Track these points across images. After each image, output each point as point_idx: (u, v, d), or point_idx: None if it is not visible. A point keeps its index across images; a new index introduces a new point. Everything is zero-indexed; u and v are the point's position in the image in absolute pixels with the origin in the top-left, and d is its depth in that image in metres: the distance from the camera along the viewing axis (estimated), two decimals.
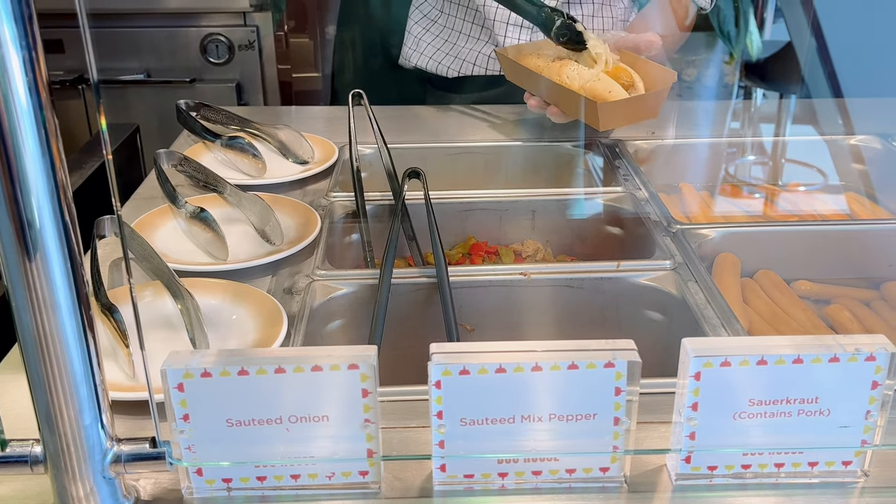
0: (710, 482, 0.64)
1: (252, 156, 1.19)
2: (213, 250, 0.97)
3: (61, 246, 0.54)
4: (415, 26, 1.58)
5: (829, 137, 1.39)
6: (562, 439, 0.62)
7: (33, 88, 0.50)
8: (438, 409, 0.60)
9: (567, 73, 1.19)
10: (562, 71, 1.20)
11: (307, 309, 0.88)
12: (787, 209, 1.27)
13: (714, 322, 0.84)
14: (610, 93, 1.13)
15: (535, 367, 0.59)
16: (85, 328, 0.56)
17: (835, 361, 0.60)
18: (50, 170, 0.52)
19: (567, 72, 1.19)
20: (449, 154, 1.33)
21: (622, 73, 1.17)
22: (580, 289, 0.94)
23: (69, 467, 0.59)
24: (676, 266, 0.95)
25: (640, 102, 1.16)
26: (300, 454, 0.62)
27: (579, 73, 1.18)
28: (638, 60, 1.22)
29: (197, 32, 2.38)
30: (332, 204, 1.12)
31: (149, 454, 0.60)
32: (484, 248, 1.13)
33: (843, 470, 0.64)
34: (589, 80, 1.16)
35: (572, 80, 1.18)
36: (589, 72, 1.17)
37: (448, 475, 0.63)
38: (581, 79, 1.17)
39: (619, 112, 1.15)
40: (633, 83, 1.17)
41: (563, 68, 1.20)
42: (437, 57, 1.53)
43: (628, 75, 1.17)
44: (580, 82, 1.17)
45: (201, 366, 0.59)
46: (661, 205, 1.09)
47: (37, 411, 0.57)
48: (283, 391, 0.60)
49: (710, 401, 0.61)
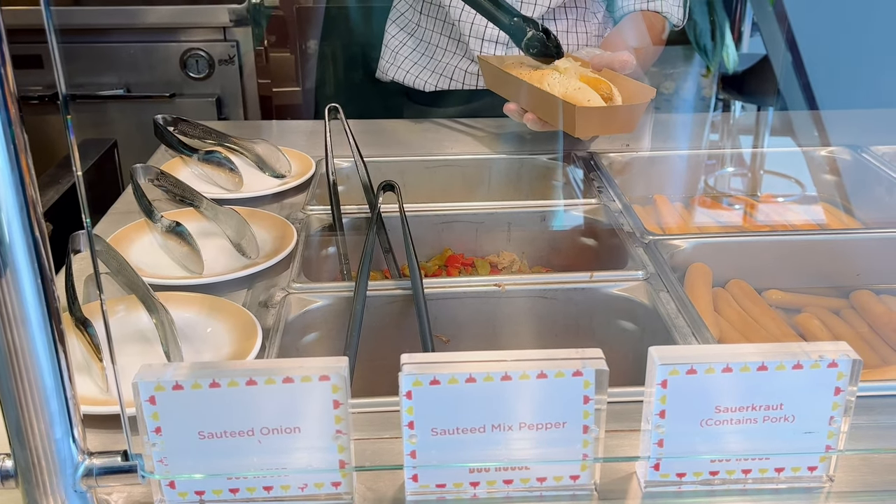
0: (679, 489, 0.65)
1: (229, 170, 1.19)
2: (189, 264, 0.97)
3: (31, 261, 0.54)
4: (391, 40, 1.60)
5: (803, 149, 1.41)
6: (532, 448, 0.63)
7: (2, 104, 0.50)
8: (409, 419, 0.61)
9: (548, 82, 1.21)
10: (543, 79, 1.22)
11: (282, 322, 0.88)
12: (760, 220, 1.28)
13: (685, 331, 0.85)
14: (589, 101, 1.15)
15: (504, 377, 0.60)
16: (55, 342, 0.56)
17: (798, 368, 0.61)
18: (19, 185, 0.52)
19: (549, 80, 1.21)
20: (426, 167, 1.34)
21: (602, 84, 1.19)
22: (554, 300, 0.95)
23: (40, 481, 0.59)
24: (649, 276, 0.96)
25: (618, 113, 1.17)
26: (273, 466, 0.62)
27: (560, 81, 1.19)
28: (617, 77, 1.24)
29: (177, 47, 2.38)
30: (309, 217, 1.13)
31: (121, 467, 0.60)
32: (460, 260, 1.14)
33: (808, 475, 0.65)
34: (569, 88, 1.17)
35: (553, 88, 1.19)
36: (570, 81, 1.19)
37: (420, 485, 0.64)
38: (562, 87, 1.18)
39: (596, 120, 1.16)
40: (612, 96, 1.19)
41: (545, 77, 1.22)
42: (415, 71, 1.54)
43: (608, 88, 1.19)
44: (560, 90, 1.18)
45: (173, 378, 0.59)
46: (635, 216, 1.11)
47: (7, 426, 0.57)
48: (255, 403, 0.60)
49: (677, 408, 0.62)
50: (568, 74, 1.20)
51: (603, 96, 1.17)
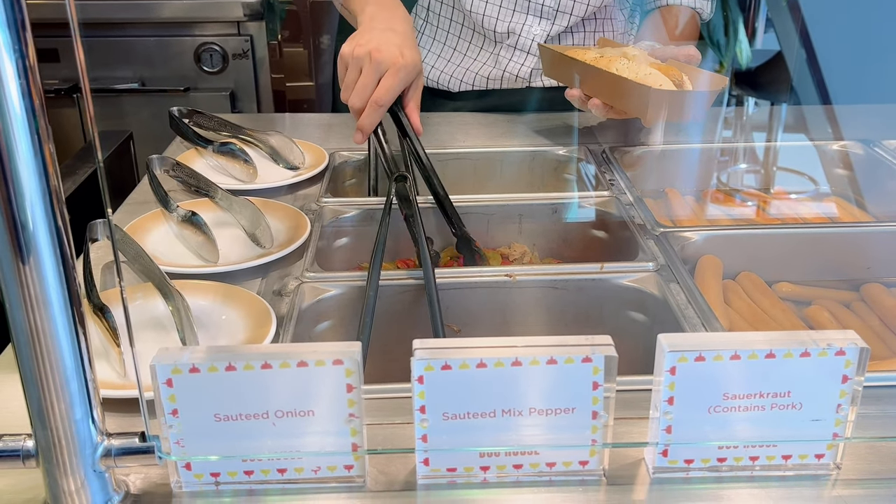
0: (687, 475, 0.66)
1: (243, 161, 1.21)
2: (204, 253, 0.98)
3: (53, 247, 0.55)
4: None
5: (815, 143, 1.41)
6: (542, 433, 0.64)
7: (27, 94, 0.52)
8: (421, 403, 0.62)
9: (616, 67, 1.18)
10: (611, 65, 1.19)
11: (296, 310, 0.89)
12: (771, 214, 1.29)
13: (694, 321, 0.86)
14: (661, 86, 1.12)
15: (514, 363, 0.61)
16: (76, 325, 0.57)
17: (806, 356, 0.62)
18: (43, 174, 0.54)
19: (617, 65, 1.19)
20: (438, 160, 1.34)
21: (672, 71, 1.17)
22: (564, 290, 0.96)
23: (60, 461, 0.60)
24: (659, 268, 0.97)
25: (690, 99, 1.14)
26: (287, 448, 0.63)
27: (630, 67, 1.17)
28: (687, 67, 1.21)
29: (191, 41, 2.40)
30: (323, 209, 1.14)
31: (138, 448, 0.62)
32: None
33: (816, 463, 0.66)
34: (640, 73, 1.14)
35: (622, 73, 1.17)
36: (640, 67, 1.16)
37: (431, 469, 0.65)
38: (631, 73, 1.16)
39: (668, 104, 1.13)
40: (683, 84, 1.16)
41: (613, 63, 1.19)
42: (433, 75, 1.54)
43: (678, 75, 1.16)
44: (629, 76, 1.16)
45: (189, 362, 0.60)
46: (646, 209, 1.11)
47: (29, 406, 0.59)
48: (270, 386, 0.61)
49: (685, 395, 0.63)
50: (637, 61, 1.18)
51: (674, 83, 1.14)
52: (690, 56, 1.24)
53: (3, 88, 0.50)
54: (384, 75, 1.12)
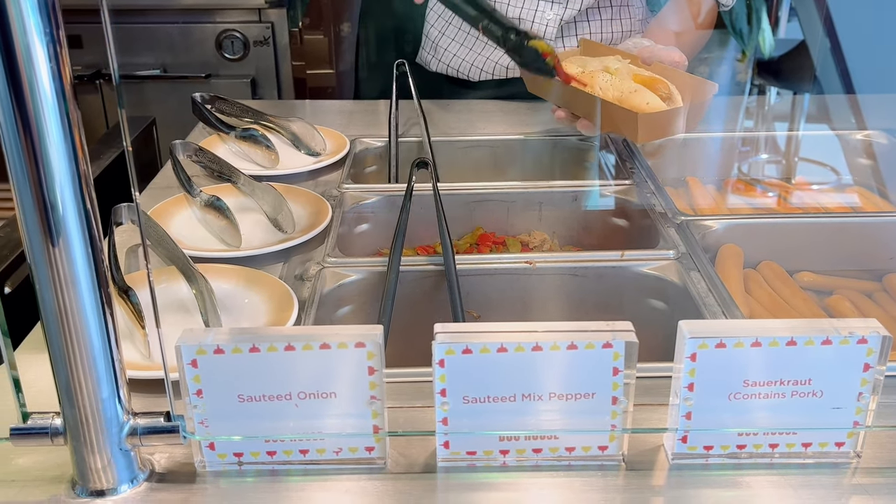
0: (706, 461, 0.66)
1: (265, 147, 1.21)
2: (227, 238, 0.99)
3: (82, 229, 0.56)
4: (431, 29, 1.60)
5: (838, 132, 1.40)
6: (562, 418, 0.64)
7: (57, 79, 0.52)
8: (442, 387, 0.63)
9: (600, 85, 1.13)
10: (593, 82, 1.14)
11: (317, 294, 0.90)
12: (793, 203, 1.28)
13: (715, 310, 0.86)
14: (647, 104, 1.08)
15: (535, 347, 0.61)
16: (104, 305, 0.58)
17: (827, 344, 0.61)
18: (72, 157, 0.55)
19: (600, 83, 1.13)
20: (459, 147, 1.35)
21: (659, 84, 1.12)
22: (584, 277, 0.96)
23: (88, 439, 0.61)
24: (680, 256, 0.97)
25: (680, 114, 1.10)
26: (309, 430, 0.64)
27: (613, 84, 1.12)
28: (670, 71, 1.17)
29: (213, 28, 2.41)
30: (344, 195, 1.15)
31: (163, 427, 0.63)
32: (491, 239, 1.15)
33: (836, 451, 0.66)
34: (624, 91, 1.10)
35: (605, 91, 1.12)
36: (624, 83, 1.11)
37: (451, 452, 0.66)
38: (615, 90, 1.11)
39: (658, 124, 1.09)
40: (671, 95, 1.12)
41: (595, 79, 1.14)
42: (454, 63, 1.54)
43: (666, 87, 1.12)
44: (615, 94, 1.11)
45: (214, 342, 0.61)
46: (667, 197, 1.11)
47: (57, 384, 0.60)
48: (293, 368, 0.62)
49: (705, 382, 0.63)
50: (620, 75, 1.13)
51: (661, 97, 1.10)
52: (676, 63, 1.18)
53: (34, 72, 0.51)
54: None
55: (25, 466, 0.66)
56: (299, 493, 0.64)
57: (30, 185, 0.54)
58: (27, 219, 0.55)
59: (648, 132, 1.10)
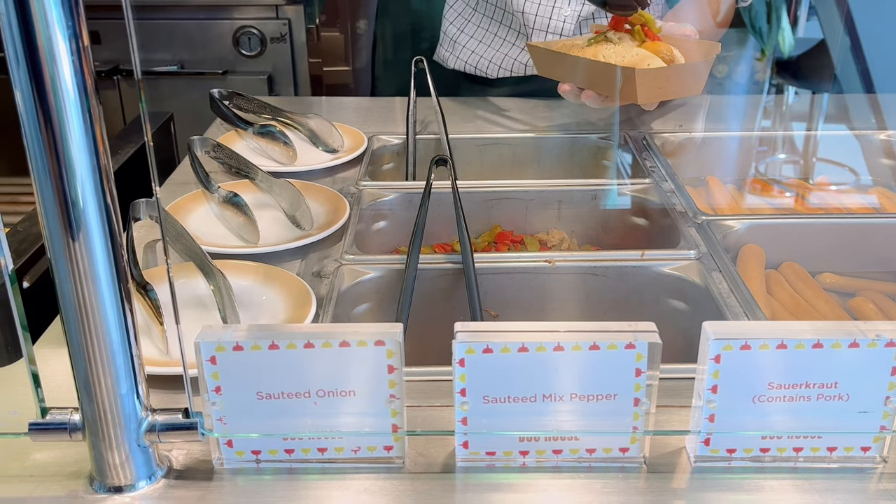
0: (729, 465, 0.65)
1: (283, 144, 1.21)
2: (245, 234, 0.99)
3: (102, 224, 0.56)
4: (450, 27, 1.59)
5: (858, 132, 1.39)
6: (582, 419, 0.63)
7: (79, 73, 0.52)
8: (462, 386, 0.62)
9: (603, 53, 1.14)
10: (597, 52, 1.15)
11: (335, 292, 0.90)
12: (814, 204, 1.26)
13: (737, 310, 0.85)
14: (648, 64, 1.08)
15: (557, 347, 0.61)
16: (123, 301, 0.58)
17: (854, 347, 0.60)
18: (94, 152, 0.54)
19: (603, 52, 1.14)
20: (476, 145, 1.34)
21: (661, 47, 1.12)
22: (604, 277, 0.95)
23: (106, 435, 0.61)
24: (701, 256, 0.96)
25: (681, 72, 1.09)
26: (327, 428, 0.64)
27: (616, 52, 1.13)
28: (678, 40, 1.16)
29: (230, 25, 2.41)
30: (361, 192, 1.14)
31: (182, 424, 0.62)
32: (510, 237, 1.14)
33: (861, 455, 0.65)
34: (627, 56, 1.10)
35: (609, 59, 1.13)
36: (627, 49, 1.11)
37: (470, 452, 0.65)
38: (618, 57, 1.12)
39: (658, 82, 1.08)
40: (674, 58, 1.11)
41: (599, 50, 1.16)
42: (472, 60, 1.53)
43: (668, 49, 1.11)
44: (617, 60, 1.12)
45: (233, 339, 0.61)
46: (687, 196, 1.10)
47: (76, 380, 0.60)
48: (312, 366, 0.61)
49: (729, 384, 0.62)
50: (624, 43, 1.14)
51: (664, 59, 1.09)
52: (687, 35, 1.18)
53: (56, 68, 0.51)
54: None
55: (43, 462, 0.66)
56: (317, 491, 0.63)
57: (51, 180, 0.54)
58: (48, 214, 0.55)
59: (648, 91, 1.09)
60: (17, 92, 0.51)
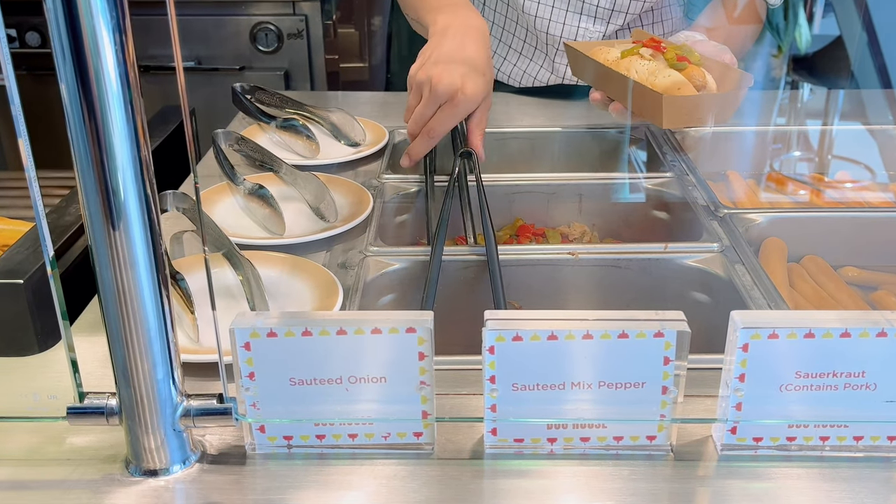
0: (755, 453, 0.66)
1: (306, 137, 1.22)
2: (271, 226, 1.00)
3: (142, 213, 0.57)
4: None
5: (877, 127, 1.39)
6: (610, 407, 0.64)
7: (122, 64, 0.53)
8: (491, 373, 0.63)
9: (635, 68, 1.13)
10: (630, 66, 1.14)
11: (361, 282, 0.91)
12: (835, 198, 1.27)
13: (761, 303, 0.85)
14: (678, 90, 1.07)
15: (586, 336, 0.61)
16: (160, 288, 0.59)
17: (882, 336, 0.61)
18: (134, 143, 0.55)
19: (636, 66, 1.13)
20: (496, 139, 1.35)
21: (696, 72, 1.10)
22: (627, 269, 0.96)
23: (142, 419, 0.62)
24: (724, 249, 0.96)
25: (709, 102, 1.08)
26: (358, 414, 0.65)
27: (648, 68, 1.12)
28: (714, 63, 1.15)
29: (247, 21, 2.43)
30: (384, 185, 1.15)
31: (216, 409, 0.63)
32: (531, 231, 1.15)
33: (888, 445, 0.65)
34: (658, 76, 1.09)
35: (640, 74, 1.12)
36: (659, 68, 1.10)
37: (499, 439, 0.66)
38: (650, 74, 1.10)
39: (685, 110, 1.07)
40: (706, 85, 1.10)
41: (632, 63, 1.14)
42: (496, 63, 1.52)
43: (701, 75, 1.10)
44: (648, 78, 1.10)
45: (267, 326, 0.62)
46: (709, 190, 1.10)
47: (114, 365, 0.61)
48: (344, 352, 0.62)
49: (757, 373, 0.62)
50: (657, 60, 1.13)
51: (696, 86, 1.08)
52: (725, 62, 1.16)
53: (100, 60, 0.52)
54: (442, 106, 1.09)
55: (81, 446, 0.67)
56: (347, 476, 0.64)
57: (93, 170, 0.55)
58: (90, 202, 0.56)
59: (674, 117, 1.08)
60: (63, 84, 0.53)
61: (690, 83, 1.08)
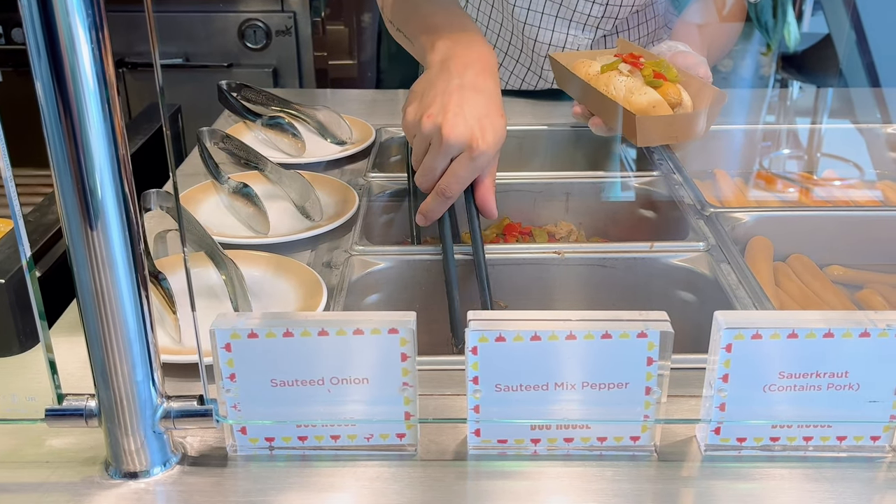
0: (739, 453, 0.66)
1: (292, 135, 1.22)
2: (255, 224, 0.99)
3: (120, 213, 0.56)
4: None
5: (865, 126, 1.39)
6: (594, 407, 0.64)
7: (98, 62, 0.52)
8: (474, 374, 0.62)
9: (614, 84, 1.14)
10: (609, 82, 1.15)
11: (346, 282, 0.90)
12: (821, 197, 1.27)
13: (746, 302, 0.85)
14: (654, 108, 1.08)
15: (569, 336, 0.61)
16: (140, 288, 0.59)
17: (865, 336, 0.61)
18: (112, 142, 0.55)
19: (614, 83, 1.14)
20: None
21: (671, 90, 1.11)
22: (613, 268, 0.96)
23: (122, 421, 0.61)
24: (709, 248, 0.96)
25: (683, 121, 1.09)
26: (340, 415, 0.64)
27: (626, 85, 1.12)
28: (692, 78, 1.15)
29: (235, 18, 2.42)
30: (370, 183, 1.15)
31: (196, 411, 0.63)
32: (518, 229, 1.14)
33: (871, 445, 0.65)
34: (635, 93, 1.10)
35: (618, 91, 1.12)
36: (636, 85, 1.11)
37: (482, 440, 0.65)
38: (627, 91, 1.11)
39: (659, 128, 1.09)
40: (682, 102, 1.11)
41: (611, 79, 1.15)
42: None
43: (677, 93, 1.11)
44: (625, 95, 1.11)
45: (248, 327, 0.61)
46: (696, 189, 1.10)
47: (92, 366, 0.60)
48: (326, 353, 0.62)
49: (740, 373, 0.62)
50: (635, 77, 1.13)
51: (671, 103, 1.09)
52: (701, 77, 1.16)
53: (76, 56, 0.51)
54: (456, 159, 0.91)
55: (60, 448, 0.66)
56: (330, 478, 0.64)
57: (70, 169, 0.54)
58: (66, 202, 0.55)
59: (648, 136, 1.09)
60: (38, 82, 0.52)
61: (666, 100, 1.09)
